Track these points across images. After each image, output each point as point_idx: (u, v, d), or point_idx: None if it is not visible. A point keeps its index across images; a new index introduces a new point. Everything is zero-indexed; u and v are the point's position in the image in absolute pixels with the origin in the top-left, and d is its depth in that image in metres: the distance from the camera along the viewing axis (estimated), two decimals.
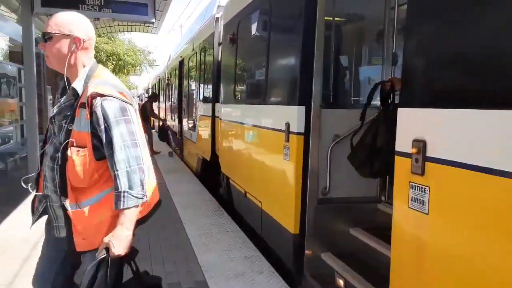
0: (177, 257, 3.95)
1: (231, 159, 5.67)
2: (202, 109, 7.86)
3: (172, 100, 13.26)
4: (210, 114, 7.02)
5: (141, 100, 26.16)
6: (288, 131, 3.56)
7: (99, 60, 21.50)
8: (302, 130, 3.42)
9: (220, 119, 6.20)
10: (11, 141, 9.72)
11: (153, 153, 11.41)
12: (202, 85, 8.09)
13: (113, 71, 24.00)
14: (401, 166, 2.12)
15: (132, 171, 1.75)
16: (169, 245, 4.29)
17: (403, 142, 2.11)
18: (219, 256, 3.99)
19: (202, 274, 3.57)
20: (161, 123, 14.76)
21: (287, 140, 3.57)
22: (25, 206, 5.62)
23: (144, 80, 40.61)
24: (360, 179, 3.49)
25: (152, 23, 8.77)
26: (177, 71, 12.04)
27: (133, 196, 1.74)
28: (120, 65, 23.11)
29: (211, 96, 7.10)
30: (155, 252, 4.07)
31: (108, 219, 1.81)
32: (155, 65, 26.49)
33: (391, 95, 2.95)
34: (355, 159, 3.14)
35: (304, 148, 3.44)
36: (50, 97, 13.15)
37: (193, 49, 9.21)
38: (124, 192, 1.73)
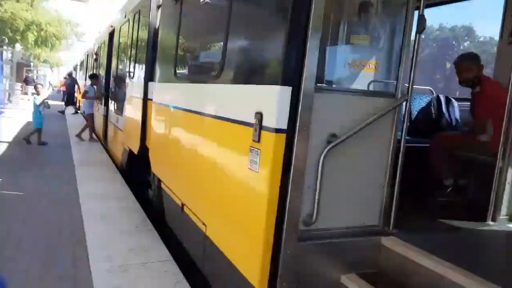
0: None
1: (165, 157, 4.22)
2: (132, 89, 6.25)
3: (100, 79, 11.25)
4: (141, 96, 5.47)
5: (65, 78, 23.22)
6: (259, 126, 2.23)
7: (15, 30, 18.52)
8: (285, 126, 2.12)
9: (154, 102, 4.70)
10: None
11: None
12: (133, 61, 6.46)
13: (35, 44, 20.87)
14: None
15: None
16: None
17: None
18: None
19: None
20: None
21: (257, 139, 2.24)
22: None
23: (74, 57, 36.65)
24: (360, 199, 2.34)
25: None
26: (106, 46, 10.14)
27: None
28: (43, 37, 20.08)
29: (143, 73, 5.53)
30: None
31: None
32: (82, 40, 23.56)
33: None
34: None
35: (284, 155, 2.14)
36: None
37: (125, 16, 7.49)
38: None
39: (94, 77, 11.12)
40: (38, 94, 9.14)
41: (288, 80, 2.12)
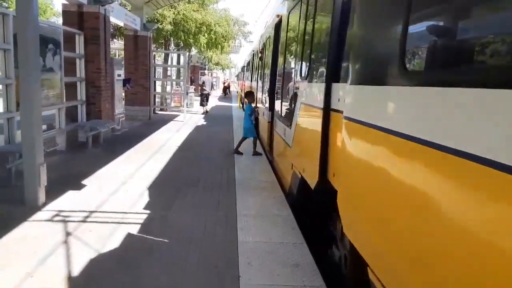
0: None
1: (378, 223, 2.30)
2: (305, 93, 4.53)
3: (265, 79, 10.04)
4: (320, 105, 3.68)
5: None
6: None
7: (187, 32, 19.20)
8: None
9: (345, 116, 2.85)
10: (55, 129, 7.54)
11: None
12: (307, 54, 4.74)
13: (207, 46, 21.56)
14: None
15: None
16: None
17: None
18: None
19: None
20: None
21: None
22: None
23: (243, 58, 37.94)
24: None
25: None
26: (272, 40, 8.83)
27: None
28: (212, 39, 20.47)
29: (324, 70, 3.75)
30: None
31: None
32: (249, 41, 23.49)
33: None
34: None
35: None
36: (118, 72, 10.93)
37: None
38: None
39: None
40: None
41: None
